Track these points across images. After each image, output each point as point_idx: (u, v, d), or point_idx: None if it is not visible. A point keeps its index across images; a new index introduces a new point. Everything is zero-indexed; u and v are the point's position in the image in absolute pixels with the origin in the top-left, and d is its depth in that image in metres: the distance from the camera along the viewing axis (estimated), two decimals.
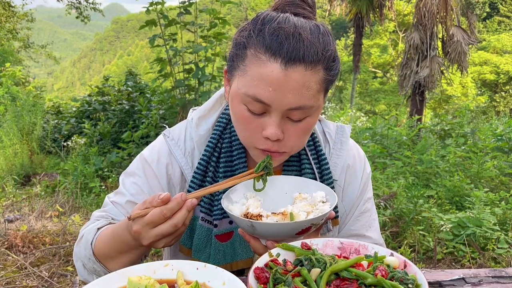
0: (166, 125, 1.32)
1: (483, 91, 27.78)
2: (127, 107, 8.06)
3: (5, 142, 6.95)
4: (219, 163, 1.19)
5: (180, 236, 1.03)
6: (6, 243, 3.64)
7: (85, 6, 17.66)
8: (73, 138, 7.58)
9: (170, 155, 1.22)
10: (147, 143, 3.80)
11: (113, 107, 8.38)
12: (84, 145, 7.20)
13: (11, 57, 15.86)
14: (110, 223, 1.16)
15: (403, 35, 25.21)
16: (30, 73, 19.79)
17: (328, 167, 1.23)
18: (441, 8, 11.40)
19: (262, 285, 0.78)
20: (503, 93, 27.57)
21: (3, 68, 9.94)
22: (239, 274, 1.15)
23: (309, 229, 0.96)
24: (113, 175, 5.96)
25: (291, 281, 0.78)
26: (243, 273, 1.19)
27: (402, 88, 12.34)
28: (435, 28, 11.60)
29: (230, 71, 1.09)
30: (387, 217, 4.21)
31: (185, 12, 6.22)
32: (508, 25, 37.67)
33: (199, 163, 1.19)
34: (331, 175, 1.23)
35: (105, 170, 6.22)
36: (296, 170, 1.21)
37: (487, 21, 38.91)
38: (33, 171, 6.88)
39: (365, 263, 0.83)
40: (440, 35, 11.93)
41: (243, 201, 1.08)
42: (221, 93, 1.27)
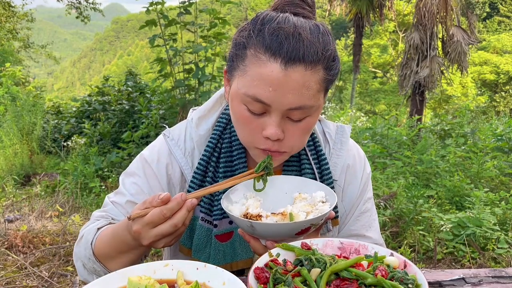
0: (166, 125, 1.32)
1: (483, 91, 27.78)
2: (127, 107, 8.06)
3: (5, 142, 6.95)
4: (219, 163, 1.19)
5: (180, 236, 1.03)
6: (6, 243, 3.64)
7: (85, 6, 17.67)
8: (73, 138, 7.58)
9: (170, 155, 1.22)
10: (147, 143, 3.80)
11: (113, 107, 8.38)
12: (84, 145, 7.20)
13: (11, 57, 15.86)
14: (110, 223, 1.17)
15: (403, 35, 25.21)
16: (30, 73, 19.78)
17: (328, 167, 1.23)
18: (441, 8, 11.40)
19: (262, 285, 0.78)
20: (503, 93, 27.57)
21: (3, 68, 9.93)
22: (239, 274, 1.15)
23: (308, 229, 0.96)
24: (113, 175, 5.96)
25: (291, 281, 0.78)
26: (243, 273, 1.19)
27: (402, 88, 12.34)
28: (435, 28, 11.60)
29: (230, 71, 1.09)
30: (387, 217, 4.21)
31: (185, 12, 6.22)
32: (508, 25, 37.66)
33: (199, 163, 1.19)
34: (331, 175, 1.23)
35: (105, 170, 6.22)
36: (296, 170, 1.21)
37: (487, 21, 38.91)
38: (33, 171, 6.88)
39: (365, 263, 0.83)
40: (440, 35, 11.93)
41: (243, 201, 1.08)
42: (221, 93, 1.27)
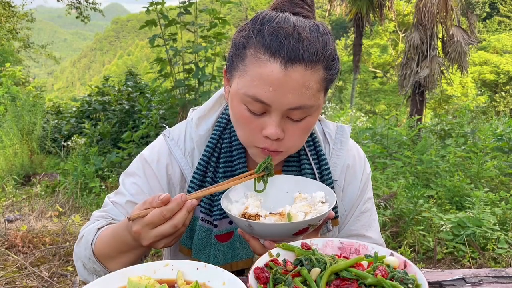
0: (166, 125, 1.32)
1: (483, 91, 27.78)
2: (127, 107, 8.06)
3: (5, 142, 6.95)
4: (219, 163, 1.19)
5: (180, 236, 1.03)
6: (6, 243, 3.64)
7: (85, 6, 17.67)
8: (73, 138, 7.58)
9: (170, 155, 1.22)
10: (147, 143, 3.79)
11: (113, 107, 8.38)
12: (84, 145, 7.20)
13: (11, 57, 15.86)
14: (110, 223, 1.16)
15: (403, 35, 25.21)
16: (30, 73, 19.78)
17: (328, 167, 1.23)
18: (441, 8, 11.40)
19: (262, 285, 0.78)
20: (503, 93, 27.57)
21: (3, 68, 9.93)
22: (239, 274, 1.15)
23: (306, 230, 0.96)
24: (113, 175, 5.96)
25: (291, 281, 0.78)
26: (243, 273, 1.19)
27: (402, 88, 12.34)
28: (435, 28, 11.60)
29: (229, 71, 1.09)
30: (387, 217, 4.21)
31: (185, 12, 6.22)
32: (508, 25, 37.66)
33: (199, 163, 1.19)
34: (331, 175, 1.23)
35: (105, 170, 6.22)
36: (296, 170, 1.21)
37: (487, 21, 38.91)
38: (33, 171, 6.88)
39: (365, 263, 0.83)
40: (440, 35, 11.93)
41: (243, 200, 1.08)
42: (221, 93, 1.27)
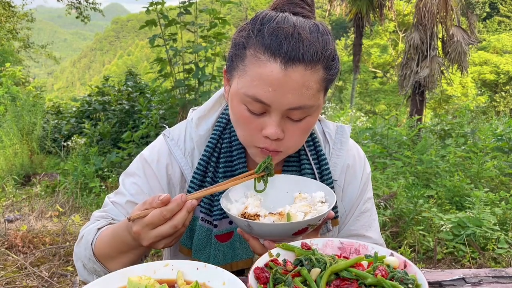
0: (166, 125, 1.32)
1: (483, 91, 27.78)
2: (127, 107, 8.06)
3: (5, 142, 6.95)
4: (219, 163, 1.19)
5: (180, 236, 1.03)
6: (6, 243, 3.64)
7: (85, 6, 17.67)
8: (73, 138, 7.58)
9: (170, 155, 1.22)
10: (147, 143, 3.80)
11: (113, 107, 8.38)
12: (84, 145, 7.20)
13: (11, 57, 15.86)
14: (110, 223, 1.17)
15: (403, 35, 25.21)
16: (30, 73, 19.78)
17: (328, 167, 1.23)
18: (441, 8, 11.40)
19: (262, 285, 0.78)
20: (503, 93, 27.57)
21: (3, 68, 9.93)
22: (239, 274, 1.15)
23: (306, 230, 0.96)
24: (113, 175, 5.96)
25: (291, 281, 0.78)
26: (243, 273, 1.19)
27: (402, 88, 12.35)
28: (435, 28, 11.60)
29: (229, 71, 1.09)
30: (387, 217, 4.21)
31: (185, 12, 6.22)
32: (508, 25, 37.66)
33: (199, 163, 1.19)
34: (331, 175, 1.23)
35: (105, 170, 6.22)
36: (296, 170, 1.21)
37: (487, 21, 38.90)
38: (33, 171, 6.88)
39: (365, 263, 0.83)
40: (440, 35, 11.93)
41: (243, 200, 1.08)
42: (220, 93, 1.27)
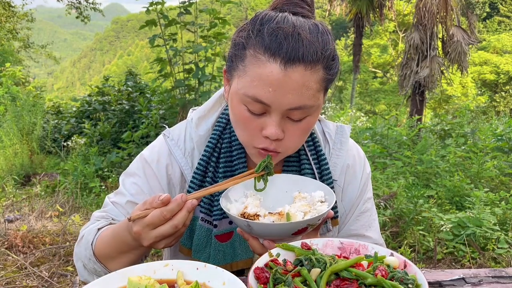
0: (166, 125, 1.32)
1: (483, 91, 27.78)
2: (127, 107, 8.06)
3: (5, 142, 6.95)
4: (218, 163, 1.19)
5: (180, 236, 1.03)
6: (6, 243, 3.64)
7: (85, 6, 17.67)
8: (73, 138, 7.58)
9: (170, 155, 1.22)
10: (147, 143, 3.80)
11: (113, 107, 8.38)
12: (84, 145, 7.20)
13: (11, 57, 15.85)
14: (110, 224, 1.17)
15: (403, 35, 25.20)
16: (30, 73, 19.77)
17: (327, 167, 1.22)
18: (441, 8, 11.40)
19: (262, 285, 0.78)
20: (503, 93, 27.57)
21: (3, 68, 9.92)
22: (239, 274, 1.15)
23: (305, 229, 0.96)
24: (113, 175, 5.96)
25: (291, 281, 0.78)
26: (243, 273, 1.19)
27: (402, 88, 12.35)
28: (435, 28, 11.60)
29: (229, 71, 1.09)
30: (387, 217, 4.21)
31: (185, 12, 6.22)
32: (508, 25, 37.65)
33: (199, 163, 1.19)
34: (331, 175, 1.23)
35: (105, 170, 6.22)
36: (295, 170, 1.21)
37: (487, 21, 38.89)
38: (33, 171, 6.88)
39: (365, 263, 0.83)
40: (440, 35, 11.93)
41: (242, 200, 1.08)
42: (220, 93, 1.27)
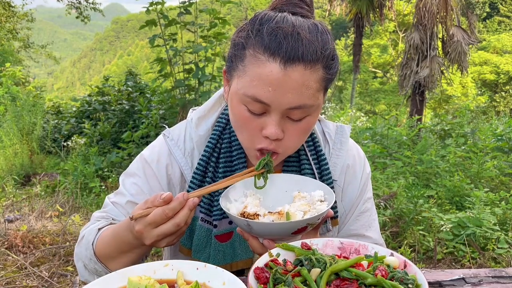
0: (166, 125, 1.32)
1: (483, 91, 27.78)
2: (127, 107, 8.06)
3: (5, 142, 6.95)
4: (218, 163, 1.19)
5: (182, 235, 1.03)
6: (6, 243, 3.64)
7: (85, 6, 17.66)
8: (73, 138, 7.58)
9: (170, 156, 1.22)
10: (147, 143, 3.79)
11: (113, 107, 8.38)
12: (84, 145, 7.20)
13: (11, 57, 15.85)
14: (110, 224, 1.17)
15: (403, 35, 25.20)
16: (30, 73, 19.77)
17: (327, 167, 1.22)
18: (441, 8, 11.40)
19: (262, 285, 0.78)
20: (503, 93, 27.57)
21: (3, 68, 9.93)
22: (239, 274, 1.15)
23: (305, 229, 0.96)
24: (113, 175, 5.96)
25: (291, 281, 0.78)
26: (243, 273, 1.19)
27: (402, 88, 12.35)
28: (435, 28, 11.60)
29: (229, 71, 1.09)
30: (387, 217, 4.21)
31: (185, 12, 6.22)
32: (508, 25, 37.65)
33: (199, 163, 1.19)
34: (331, 175, 1.23)
35: (105, 170, 6.22)
36: (295, 170, 1.21)
37: (487, 21, 38.90)
38: (33, 171, 6.88)
39: (365, 263, 0.83)
40: (440, 35, 11.93)
41: (242, 199, 1.08)
42: (220, 93, 1.27)
